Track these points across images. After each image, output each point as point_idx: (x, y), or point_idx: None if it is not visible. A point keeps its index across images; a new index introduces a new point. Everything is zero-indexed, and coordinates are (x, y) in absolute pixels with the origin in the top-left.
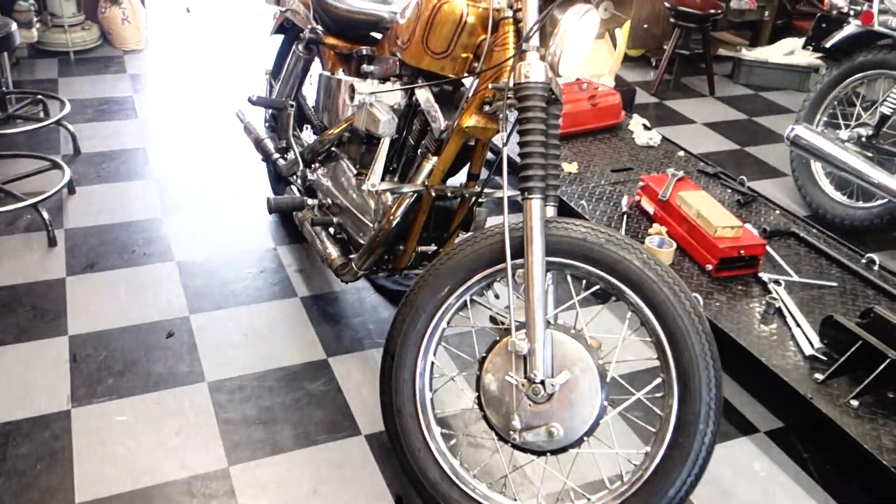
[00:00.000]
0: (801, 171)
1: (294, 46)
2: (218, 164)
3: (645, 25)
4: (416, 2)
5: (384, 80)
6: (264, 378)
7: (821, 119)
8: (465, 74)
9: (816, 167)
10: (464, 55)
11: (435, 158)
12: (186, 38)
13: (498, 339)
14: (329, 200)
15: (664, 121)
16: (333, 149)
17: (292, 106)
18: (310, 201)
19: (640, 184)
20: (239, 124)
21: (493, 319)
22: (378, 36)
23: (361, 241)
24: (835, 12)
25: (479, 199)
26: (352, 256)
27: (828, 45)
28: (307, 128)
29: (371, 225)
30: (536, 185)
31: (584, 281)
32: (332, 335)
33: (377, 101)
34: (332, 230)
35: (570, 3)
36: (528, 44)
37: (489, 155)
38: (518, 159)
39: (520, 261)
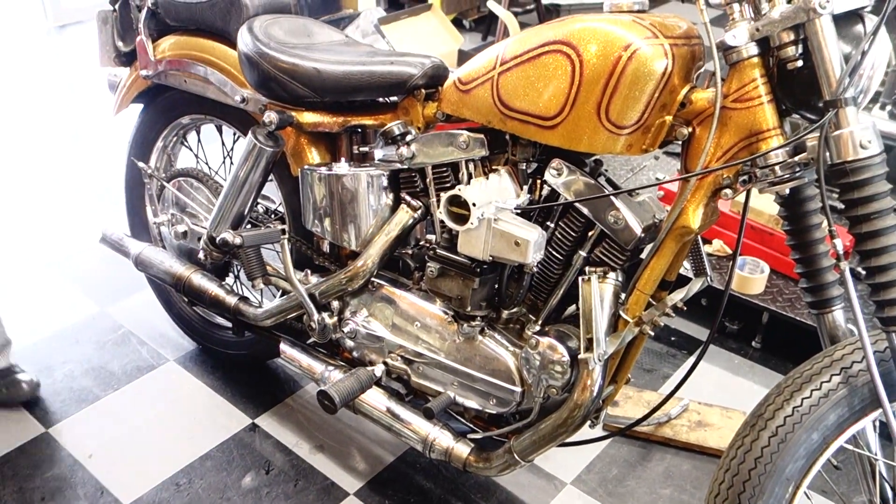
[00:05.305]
0: None
1: (251, 137)
2: None
3: None
4: (544, 50)
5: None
6: None
7: None
8: (648, 151)
9: None
10: (659, 121)
11: (613, 276)
12: None
13: None
14: (403, 361)
15: None
16: (376, 279)
17: (284, 231)
18: (372, 369)
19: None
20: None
21: None
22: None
23: (489, 412)
24: None
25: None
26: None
27: None
28: (236, 266)
29: (528, 392)
30: None
31: None
32: None
33: (501, 211)
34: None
35: (854, 18)
36: (845, 95)
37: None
38: None
39: None
